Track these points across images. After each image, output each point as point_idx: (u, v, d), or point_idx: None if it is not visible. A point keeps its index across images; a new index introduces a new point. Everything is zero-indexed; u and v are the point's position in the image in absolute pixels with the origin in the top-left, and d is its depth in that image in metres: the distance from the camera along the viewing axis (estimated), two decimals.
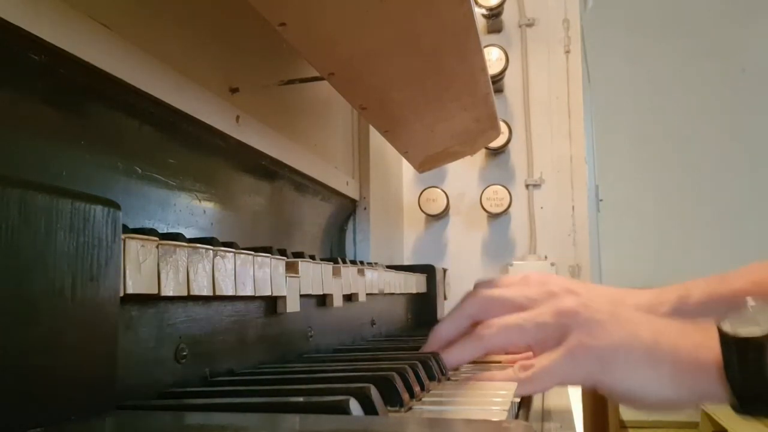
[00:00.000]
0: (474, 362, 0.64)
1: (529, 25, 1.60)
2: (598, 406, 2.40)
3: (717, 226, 3.62)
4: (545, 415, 0.59)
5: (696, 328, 0.48)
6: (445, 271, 1.48)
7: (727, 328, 0.44)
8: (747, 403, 0.43)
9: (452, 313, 0.60)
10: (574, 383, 0.50)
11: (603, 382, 0.48)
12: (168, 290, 0.41)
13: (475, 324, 0.58)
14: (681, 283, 0.62)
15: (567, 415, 0.56)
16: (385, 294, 0.94)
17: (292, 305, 0.61)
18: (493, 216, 1.57)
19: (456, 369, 0.58)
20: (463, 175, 1.61)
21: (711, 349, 0.44)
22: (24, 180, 0.28)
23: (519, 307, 0.55)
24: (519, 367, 0.52)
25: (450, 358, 0.56)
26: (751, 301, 0.45)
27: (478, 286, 0.62)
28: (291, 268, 0.60)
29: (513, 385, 0.48)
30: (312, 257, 0.67)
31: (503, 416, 0.39)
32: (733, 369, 0.43)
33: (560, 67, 1.58)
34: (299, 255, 0.64)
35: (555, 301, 0.53)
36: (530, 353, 0.57)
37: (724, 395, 0.44)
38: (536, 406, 0.58)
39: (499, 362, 0.63)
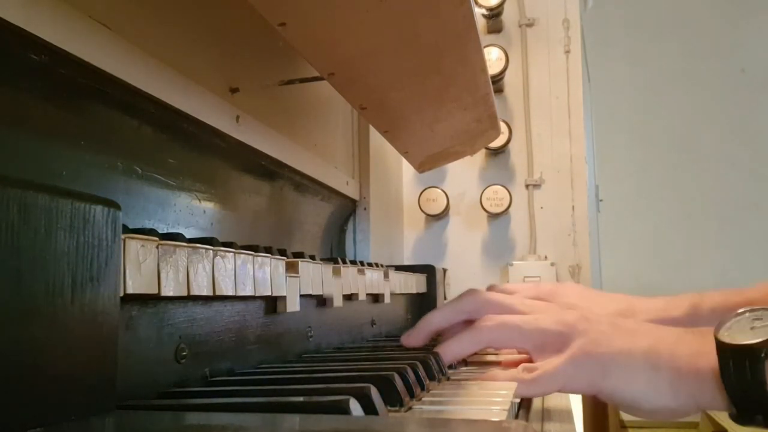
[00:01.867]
0: (474, 363, 0.64)
1: (529, 25, 1.60)
2: (598, 406, 2.40)
3: (717, 226, 3.62)
4: (545, 415, 0.59)
5: (695, 336, 0.48)
6: (445, 271, 1.48)
7: (725, 336, 0.44)
8: (744, 411, 0.43)
9: (448, 305, 0.61)
10: (575, 390, 0.51)
11: (604, 390, 0.49)
12: (168, 290, 0.41)
13: (468, 322, 0.59)
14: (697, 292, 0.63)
15: (567, 415, 0.55)
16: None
17: (292, 305, 0.61)
18: (493, 216, 1.57)
19: (454, 363, 0.58)
20: (463, 175, 1.61)
21: (708, 356, 0.44)
22: (24, 180, 0.28)
23: (517, 312, 0.57)
24: (523, 368, 0.52)
25: (448, 350, 0.56)
26: (748, 309, 0.45)
27: (490, 289, 0.62)
28: (291, 268, 0.60)
29: (513, 385, 0.48)
30: (312, 257, 0.67)
31: (503, 416, 0.39)
32: (729, 377, 0.43)
33: (560, 67, 1.58)
34: (299, 255, 0.64)
35: (556, 311, 0.55)
36: (527, 356, 0.57)
37: (721, 403, 0.44)
38: (536, 406, 0.58)
39: (499, 363, 0.63)
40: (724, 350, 0.43)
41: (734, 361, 0.43)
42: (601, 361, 0.49)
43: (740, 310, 0.46)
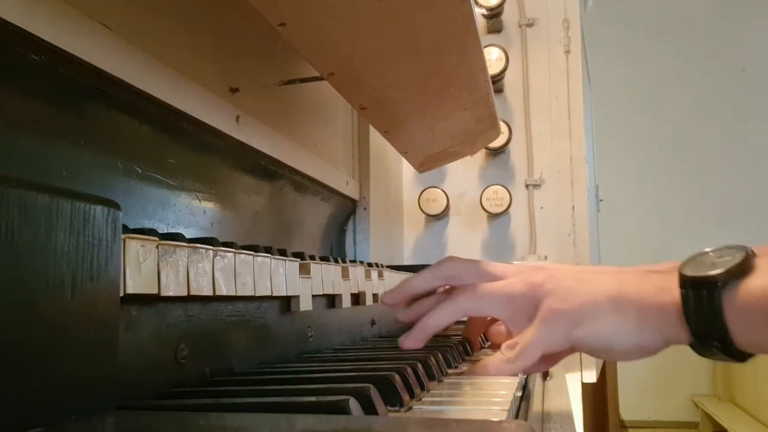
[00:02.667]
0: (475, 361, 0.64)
1: (529, 25, 1.60)
2: (598, 406, 2.40)
3: (717, 226, 3.63)
4: (545, 415, 0.59)
5: (659, 275, 0.49)
6: None
7: (687, 270, 0.46)
8: (704, 342, 0.45)
9: (427, 270, 0.62)
10: (555, 349, 0.52)
11: (578, 341, 0.50)
12: (168, 290, 0.41)
13: (449, 290, 0.61)
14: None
15: (567, 415, 0.56)
16: None
17: (294, 305, 0.61)
18: (493, 216, 1.57)
19: (434, 334, 0.60)
20: (463, 175, 1.61)
21: (672, 291, 0.46)
22: (24, 180, 0.28)
23: (495, 277, 0.58)
24: (505, 347, 0.54)
25: (429, 322, 0.58)
26: (713, 248, 0.47)
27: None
28: (291, 267, 0.60)
29: (513, 386, 0.48)
30: (312, 257, 0.67)
31: (503, 416, 0.39)
32: (689, 308, 0.45)
33: (560, 67, 1.58)
34: (299, 255, 0.64)
35: (522, 275, 0.56)
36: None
37: (684, 336, 0.46)
38: (536, 406, 0.58)
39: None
40: (684, 282, 0.45)
41: (694, 292, 0.45)
42: (569, 314, 0.50)
43: (705, 249, 0.47)
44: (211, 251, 0.47)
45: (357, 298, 0.80)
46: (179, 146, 0.67)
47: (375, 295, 0.88)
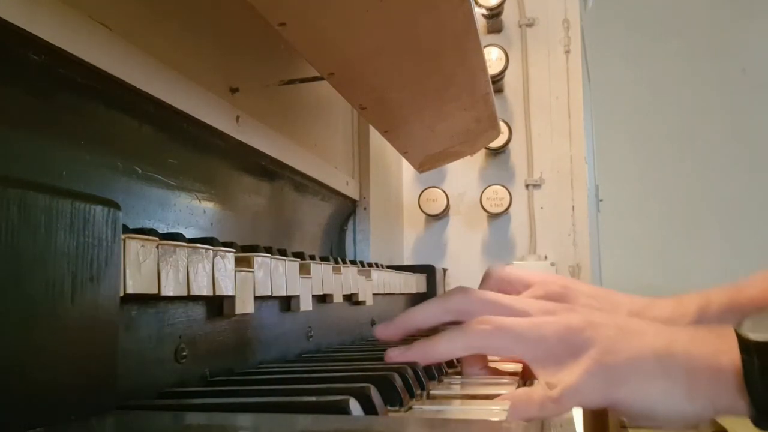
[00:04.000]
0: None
1: (529, 25, 1.60)
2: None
3: (717, 226, 3.62)
4: None
5: (712, 335, 0.44)
6: (445, 271, 1.48)
7: (747, 332, 0.41)
8: (767, 415, 0.40)
9: (434, 301, 0.54)
10: (592, 405, 0.46)
11: (618, 402, 0.45)
12: (168, 290, 0.41)
13: (454, 323, 0.53)
14: (699, 291, 0.60)
15: (567, 415, 0.55)
16: (385, 294, 0.94)
17: (294, 305, 0.61)
18: (493, 216, 1.57)
19: (433, 364, 0.52)
20: (463, 175, 1.61)
21: (728, 354, 0.41)
22: (24, 180, 0.28)
23: (515, 314, 0.50)
24: (546, 384, 0.47)
25: (434, 348, 0.50)
26: None
27: (490, 271, 0.59)
28: (291, 267, 0.60)
29: (513, 385, 0.48)
30: (312, 257, 0.67)
31: (503, 416, 0.39)
32: (753, 375, 0.40)
33: (560, 67, 1.58)
34: (299, 255, 0.64)
35: (558, 317, 0.49)
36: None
37: (742, 407, 0.41)
38: None
39: (495, 369, 0.59)
40: (747, 347, 0.41)
41: (759, 358, 0.40)
42: (614, 370, 0.45)
43: (763, 308, 0.44)
44: (211, 251, 0.47)
45: (355, 298, 0.80)
46: (179, 146, 0.67)
47: (374, 295, 0.88)
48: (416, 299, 1.17)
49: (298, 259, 0.62)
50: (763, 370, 0.39)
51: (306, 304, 0.63)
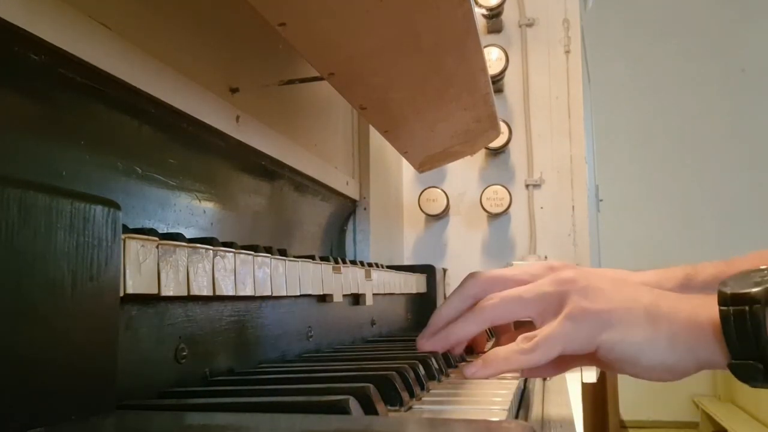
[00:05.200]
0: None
1: (529, 25, 1.60)
2: (598, 406, 2.40)
3: (717, 226, 3.62)
4: (545, 415, 0.59)
5: (697, 295, 0.47)
6: (445, 271, 1.48)
7: (726, 288, 0.44)
8: (744, 362, 0.43)
9: (453, 295, 0.58)
10: (575, 349, 0.49)
11: (602, 345, 0.47)
12: (168, 290, 0.41)
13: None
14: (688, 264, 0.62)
15: (567, 415, 0.55)
16: (385, 294, 0.94)
17: (293, 305, 0.61)
18: (493, 216, 1.57)
19: (457, 347, 0.56)
20: (463, 175, 1.61)
21: (709, 308, 0.44)
22: (24, 180, 0.28)
23: (521, 283, 0.55)
24: (522, 338, 0.50)
25: (453, 333, 0.55)
26: (752, 269, 0.45)
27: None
28: (290, 267, 0.60)
29: (513, 385, 0.48)
30: (312, 257, 0.67)
31: (503, 416, 0.39)
32: (729, 326, 0.43)
33: (560, 67, 1.58)
34: (299, 255, 0.64)
35: (555, 272, 0.53)
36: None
37: (721, 356, 0.43)
38: (536, 406, 0.58)
39: None
40: (725, 299, 0.43)
41: (734, 310, 0.42)
42: (599, 315, 0.48)
43: (744, 270, 0.45)
44: (211, 251, 0.47)
45: (357, 298, 0.80)
46: (179, 146, 0.67)
47: (374, 295, 0.88)
48: (416, 299, 1.17)
49: (299, 260, 0.62)
50: (738, 320, 0.42)
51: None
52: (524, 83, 1.59)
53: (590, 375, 1.44)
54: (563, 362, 0.52)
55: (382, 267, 0.96)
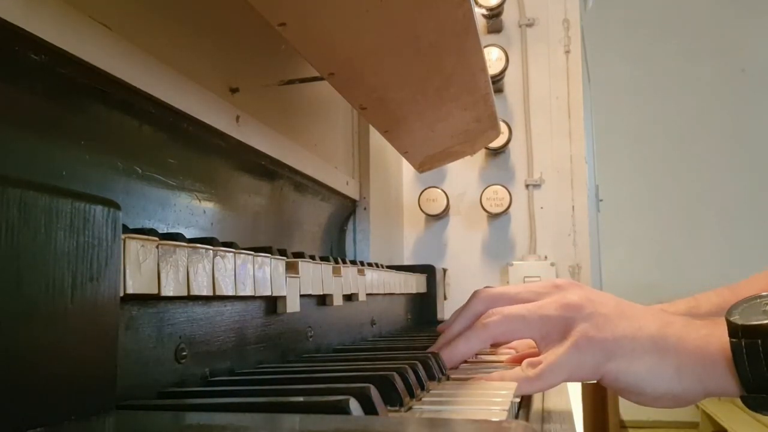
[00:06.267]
0: (476, 362, 0.64)
1: (529, 25, 1.60)
2: (598, 406, 2.40)
3: (717, 226, 3.63)
4: (545, 414, 0.59)
5: (704, 323, 0.47)
6: (445, 271, 1.48)
7: (736, 318, 0.43)
8: (756, 393, 0.42)
9: (461, 314, 0.59)
10: (580, 378, 0.49)
11: (607, 374, 0.47)
12: (168, 290, 0.41)
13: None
14: (691, 296, 0.62)
15: (567, 415, 0.55)
16: (385, 294, 0.94)
17: (292, 305, 0.61)
18: (493, 216, 1.57)
19: (460, 364, 0.57)
20: (463, 175, 1.61)
21: (719, 339, 0.44)
22: (24, 180, 0.28)
23: (525, 301, 0.55)
24: (527, 364, 0.51)
25: (455, 350, 0.55)
26: (759, 295, 0.44)
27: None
28: (291, 267, 0.60)
29: (513, 385, 0.48)
30: (312, 257, 0.67)
31: (503, 416, 0.39)
32: (741, 357, 0.42)
33: (560, 67, 1.58)
34: (299, 255, 0.64)
35: (560, 294, 0.53)
36: (536, 350, 0.56)
37: (731, 387, 0.43)
38: (536, 405, 0.58)
39: (501, 362, 0.63)
40: (735, 330, 0.42)
41: (746, 341, 0.42)
42: (604, 344, 0.47)
43: (751, 296, 0.45)
44: (211, 251, 0.47)
45: (354, 298, 0.80)
46: (179, 146, 0.67)
47: (374, 295, 0.88)
48: (416, 299, 1.17)
49: (299, 260, 0.62)
50: (749, 352, 0.42)
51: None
52: (524, 83, 1.59)
53: None
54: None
55: (382, 267, 0.96)
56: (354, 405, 0.33)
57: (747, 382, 0.42)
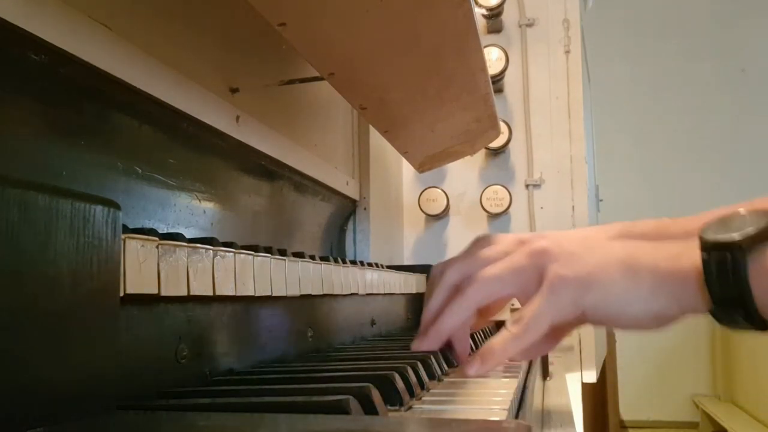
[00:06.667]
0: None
1: (529, 25, 1.60)
2: (598, 406, 2.40)
3: None
4: (545, 415, 0.59)
5: (675, 242, 0.47)
6: None
7: (708, 234, 0.43)
8: (725, 308, 0.43)
9: (436, 290, 0.58)
10: (564, 318, 0.49)
11: (587, 308, 0.48)
12: (168, 290, 0.41)
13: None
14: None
15: (567, 415, 0.55)
16: (385, 294, 0.94)
17: (294, 304, 0.61)
18: (493, 216, 1.57)
19: (451, 336, 0.56)
20: (463, 175, 1.61)
21: (690, 256, 0.44)
22: (24, 180, 0.28)
23: (495, 261, 0.55)
24: (510, 322, 0.51)
25: (443, 326, 0.55)
26: (735, 211, 0.45)
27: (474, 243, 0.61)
28: (291, 267, 0.60)
29: (513, 385, 0.48)
30: (312, 257, 0.67)
31: (503, 416, 0.39)
32: (711, 273, 0.43)
33: (560, 67, 1.58)
34: (299, 255, 0.64)
35: (526, 246, 0.53)
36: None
37: (703, 302, 0.43)
38: (536, 406, 0.58)
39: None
40: (706, 246, 0.43)
41: (717, 257, 0.42)
42: (578, 280, 0.48)
43: (723, 215, 0.45)
44: (211, 251, 0.47)
45: (354, 298, 0.80)
46: (179, 146, 0.67)
47: (374, 295, 0.88)
48: (416, 299, 1.17)
49: (299, 259, 0.62)
50: (719, 266, 0.42)
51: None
52: (524, 83, 1.59)
53: (590, 375, 1.44)
54: (557, 332, 0.53)
55: (382, 267, 0.96)
56: (354, 405, 0.33)
57: (716, 295, 0.43)
